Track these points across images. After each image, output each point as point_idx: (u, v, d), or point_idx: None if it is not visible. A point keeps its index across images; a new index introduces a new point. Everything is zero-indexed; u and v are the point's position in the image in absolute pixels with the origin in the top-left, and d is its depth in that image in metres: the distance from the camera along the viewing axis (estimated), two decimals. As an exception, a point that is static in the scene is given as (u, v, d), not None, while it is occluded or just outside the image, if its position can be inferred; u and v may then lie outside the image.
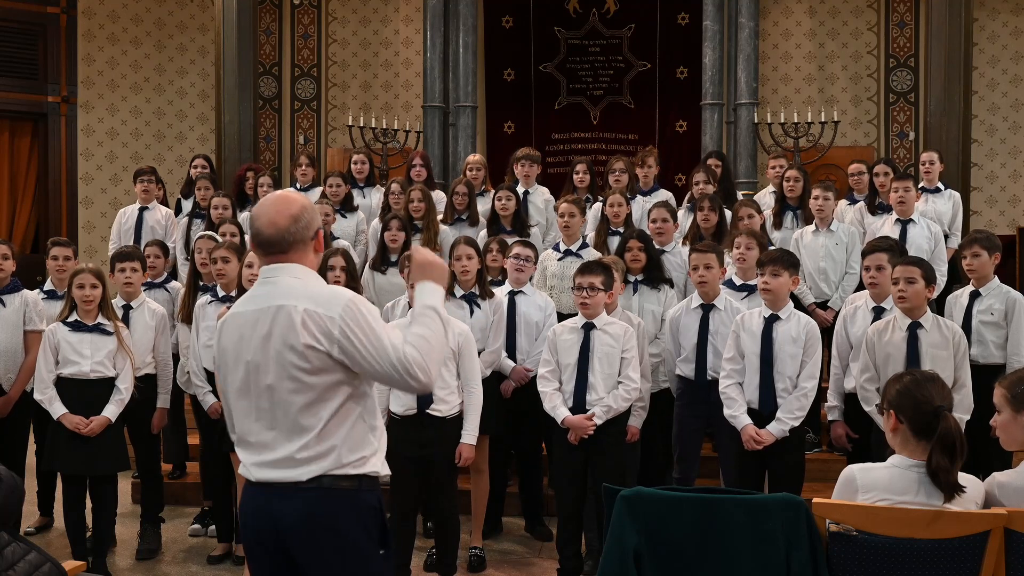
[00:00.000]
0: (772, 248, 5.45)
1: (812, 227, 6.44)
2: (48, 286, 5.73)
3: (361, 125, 10.09)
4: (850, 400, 4.83)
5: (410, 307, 4.93)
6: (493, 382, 5.19)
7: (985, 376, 4.69)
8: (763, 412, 4.57)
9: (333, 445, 2.54)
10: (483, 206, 6.98)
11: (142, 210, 7.47)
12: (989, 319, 5.04)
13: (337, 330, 2.50)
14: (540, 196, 7.21)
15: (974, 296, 5.12)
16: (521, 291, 5.44)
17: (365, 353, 2.50)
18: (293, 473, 2.54)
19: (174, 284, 6.07)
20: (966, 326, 4.96)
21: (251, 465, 2.61)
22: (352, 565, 2.57)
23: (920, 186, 7.06)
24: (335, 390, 2.55)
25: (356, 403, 2.59)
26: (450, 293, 5.11)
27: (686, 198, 7.30)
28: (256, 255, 2.71)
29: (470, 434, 4.62)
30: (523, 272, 5.44)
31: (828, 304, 6.26)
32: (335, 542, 2.55)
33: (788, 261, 4.74)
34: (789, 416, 4.52)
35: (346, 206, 7.24)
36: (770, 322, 4.63)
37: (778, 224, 6.83)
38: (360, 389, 2.60)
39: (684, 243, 6.22)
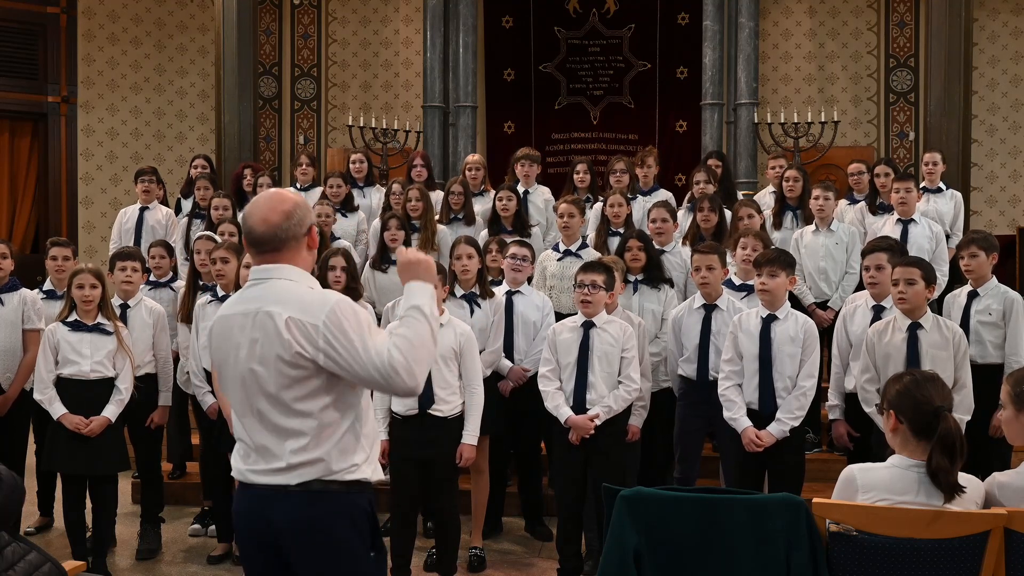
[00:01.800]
0: (768, 248, 5.44)
1: (812, 227, 6.44)
2: (47, 286, 5.73)
3: (361, 125, 10.09)
4: (850, 399, 4.83)
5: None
6: (492, 382, 5.19)
7: (984, 376, 4.70)
8: (763, 412, 4.57)
9: (323, 452, 2.54)
10: (483, 206, 6.99)
11: (142, 210, 7.47)
12: (987, 319, 5.04)
13: (321, 339, 2.49)
14: (540, 196, 7.21)
15: (972, 296, 5.12)
16: (518, 291, 5.44)
17: (349, 359, 2.48)
18: (283, 478, 2.55)
19: (179, 284, 6.03)
20: (964, 326, 4.95)
21: (244, 468, 2.63)
22: (343, 566, 2.58)
23: (922, 186, 7.06)
24: (324, 398, 2.54)
25: (347, 411, 2.58)
26: (451, 293, 5.11)
27: (686, 198, 7.30)
28: (249, 254, 2.69)
29: (471, 434, 4.62)
30: (520, 272, 5.43)
31: (828, 304, 6.26)
32: (327, 543, 2.55)
33: (785, 261, 4.73)
34: (789, 416, 4.52)
35: (346, 206, 7.24)
36: (767, 322, 4.63)
37: (778, 224, 6.83)
38: (350, 398, 2.59)
39: (684, 243, 6.22)
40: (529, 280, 5.63)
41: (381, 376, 2.47)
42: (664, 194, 7.07)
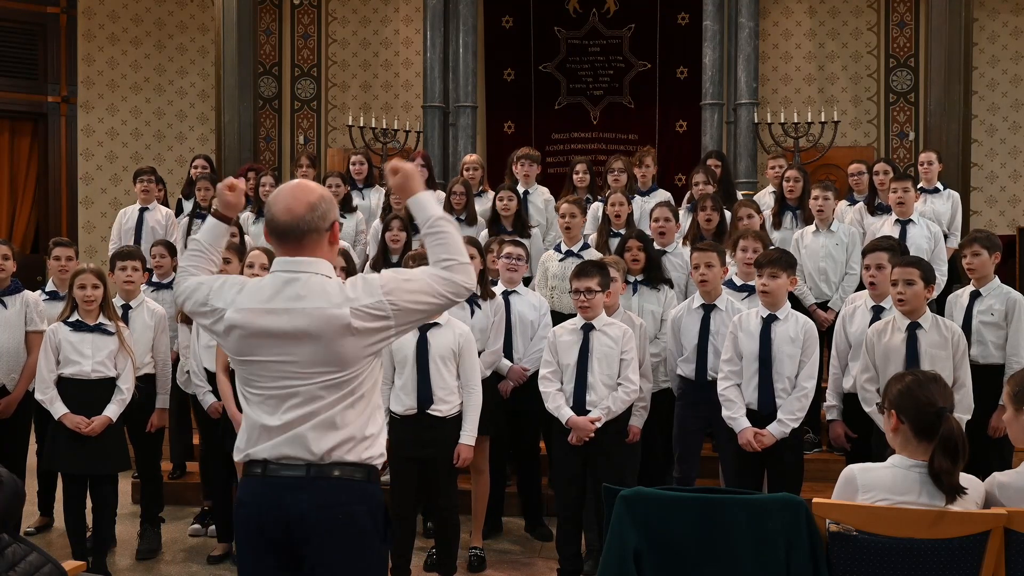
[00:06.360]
0: (770, 249, 5.43)
1: (812, 227, 6.44)
2: (50, 287, 5.72)
3: (361, 125, 10.10)
4: (849, 400, 4.83)
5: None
6: (492, 383, 5.19)
7: (985, 376, 4.70)
8: (762, 413, 4.57)
9: (352, 437, 2.55)
10: (482, 206, 6.98)
11: (142, 210, 7.46)
12: (989, 319, 5.03)
13: (389, 307, 2.52)
14: (540, 196, 7.21)
15: (974, 296, 5.12)
16: (515, 291, 5.44)
17: (421, 301, 2.55)
18: (313, 468, 2.53)
19: None
20: (966, 326, 4.96)
21: (262, 456, 2.57)
22: (360, 556, 2.57)
23: (919, 186, 7.06)
24: (369, 375, 2.59)
25: (370, 397, 2.62)
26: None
27: (685, 198, 7.30)
28: (271, 244, 2.69)
29: (468, 435, 4.62)
30: (515, 272, 5.42)
31: (828, 305, 6.26)
32: (346, 533, 2.54)
33: (786, 262, 4.73)
34: (789, 417, 4.52)
35: (345, 207, 7.23)
36: (768, 322, 4.63)
37: (778, 224, 6.83)
38: (372, 380, 2.63)
39: (684, 243, 6.22)
40: (528, 281, 5.62)
41: (451, 292, 2.59)
42: (663, 194, 7.07)
